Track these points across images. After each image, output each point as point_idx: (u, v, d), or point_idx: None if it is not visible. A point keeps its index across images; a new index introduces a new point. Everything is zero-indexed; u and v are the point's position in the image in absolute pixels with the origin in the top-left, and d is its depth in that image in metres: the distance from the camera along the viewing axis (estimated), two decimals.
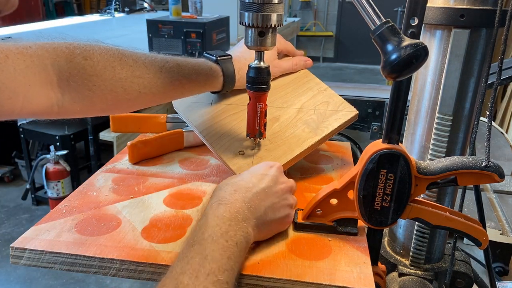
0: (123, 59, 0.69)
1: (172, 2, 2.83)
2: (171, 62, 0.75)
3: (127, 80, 0.69)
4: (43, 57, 0.60)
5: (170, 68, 0.74)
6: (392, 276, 0.79)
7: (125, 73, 0.69)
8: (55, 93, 0.62)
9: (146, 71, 0.71)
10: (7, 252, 2.35)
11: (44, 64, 0.60)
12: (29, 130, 3.05)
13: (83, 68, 0.64)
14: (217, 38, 2.83)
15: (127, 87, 0.69)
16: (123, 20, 4.28)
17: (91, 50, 0.66)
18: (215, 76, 0.81)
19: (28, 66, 0.57)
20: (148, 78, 0.71)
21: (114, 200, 0.75)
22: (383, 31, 0.53)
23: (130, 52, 0.71)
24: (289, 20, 4.93)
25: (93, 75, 0.65)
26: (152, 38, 2.75)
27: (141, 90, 0.71)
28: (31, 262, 0.62)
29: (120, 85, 0.68)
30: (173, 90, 0.76)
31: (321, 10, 8.00)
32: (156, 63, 0.73)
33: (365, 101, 1.59)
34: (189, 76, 0.77)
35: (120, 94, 0.69)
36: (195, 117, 0.87)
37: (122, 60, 0.69)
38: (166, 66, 0.74)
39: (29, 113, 0.60)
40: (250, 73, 0.75)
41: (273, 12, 0.69)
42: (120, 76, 0.68)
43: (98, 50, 0.66)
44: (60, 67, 0.62)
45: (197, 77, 0.78)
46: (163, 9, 4.95)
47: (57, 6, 6.22)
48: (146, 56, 0.73)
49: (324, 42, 8.04)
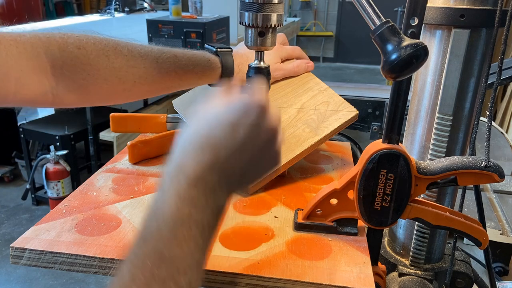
0: (117, 48, 0.69)
1: (172, 2, 2.83)
2: (168, 53, 0.75)
3: (122, 69, 0.69)
4: (36, 45, 0.61)
5: (167, 58, 0.74)
6: (392, 276, 0.79)
7: (120, 62, 0.69)
8: (49, 81, 0.62)
9: (142, 60, 0.71)
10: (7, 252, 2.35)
11: (37, 51, 0.61)
12: (29, 130, 3.04)
13: (76, 57, 0.64)
14: (217, 38, 2.83)
15: (121, 76, 0.69)
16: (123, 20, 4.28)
17: (84, 40, 0.66)
18: (213, 68, 0.81)
19: (21, 53, 0.58)
20: (143, 68, 0.71)
21: (114, 200, 0.75)
22: (383, 31, 0.53)
23: (125, 43, 0.71)
24: (289, 20, 4.93)
25: (87, 64, 0.65)
26: (152, 38, 2.75)
27: (136, 80, 0.71)
28: (31, 262, 0.62)
29: (115, 74, 0.68)
30: (170, 81, 0.76)
31: (321, 10, 8.00)
32: (152, 54, 0.73)
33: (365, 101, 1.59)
34: (186, 67, 0.77)
35: (115, 84, 0.69)
36: None
37: (116, 50, 0.69)
38: (162, 57, 0.74)
39: (23, 100, 0.60)
40: (250, 73, 0.75)
41: (273, 12, 0.69)
42: (114, 66, 0.68)
43: (92, 39, 0.67)
44: (53, 55, 0.62)
45: (194, 68, 0.78)
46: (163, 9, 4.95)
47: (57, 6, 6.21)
48: (142, 47, 0.73)
49: (324, 42, 8.04)
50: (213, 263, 0.60)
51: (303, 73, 0.97)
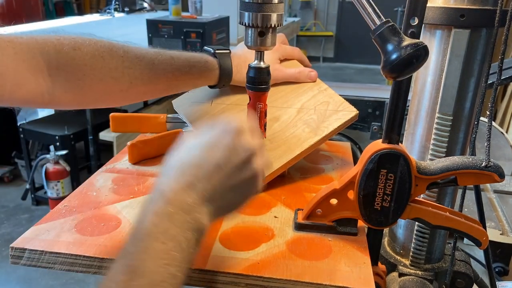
0: (113, 49, 0.70)
1: (172, 2, 2.83)
2: (164, 54, 0.75)
3: (117, 70, 0.69)
4: (32, 46, 0.62)
5: (163, 60, 0.75)
6: (392, 276, 0.78)
7: (115, 63, 0.69)
8: (45, 81, 0.63)
9: (138, 62, 0.72)
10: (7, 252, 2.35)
11: (33, 52, 0.61)
12: (29, 130, 3.05)
13: (72, 58, 0.65)
14: (217, 38, 2.83)
15: (117, 77, 0.70)
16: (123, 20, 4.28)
17: (80, 41, 0.67)
18: (210, 69, 0.81)
19: (17, 53, 0.59)
20: (139, 69, 0.72)
21: (114, 200, 0.75)
22: (383, 31, 0.53)
23: (121, 45, 0.72)
24: (289, 20, 4.93)
25: (82, 64, 0.66)
26: (152, 38, 2.75)
27: (132, 80, 0.71)
28: (31, 262, 0.62)
29: (110, 74, 0.69)
30: (166, 82, 0.77)
31: (321, 10, 8.00)
32: (148, 55, 0.73)
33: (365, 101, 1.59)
34: (182, 68, 0.77)
35: (110, 85, 0.70)
36: (195, 117, 0.87)
37: (112, 51, 0.69)
38: (158, 58, 0.74)
39: (20, 100, 0.61)
40: (250, 73, 0.75)
41: (273, 12, 0.69)
42: (110, 66, 0.69)
43: (88, 41, 0.67)
44: (49, 56, 0.63)
45: (191, 69, 0.78)
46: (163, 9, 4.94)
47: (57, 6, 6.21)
48: (138, 49, 0.73)
49: (324, 42, 8.04)
50: (213, 263, 0.60)
51: (304, 80, 0.94)
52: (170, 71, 0.75)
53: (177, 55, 0.77)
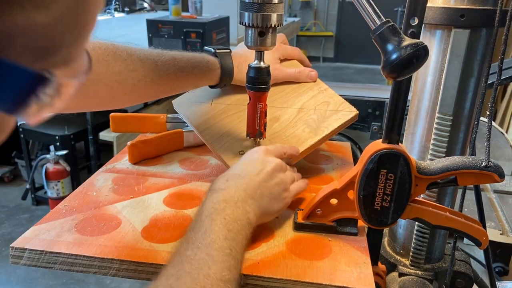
0: (117, 53, 0.69)
1: (172, 2, 2.83)
2: (167, 55, 0.75)
3: (121, 73, 0.69)
4: None
5: (166, 61, 0.75)
6: (392, 276, 0.78)
7: (119, 67, 0.69)
8: None
9: (141, 64, 0.71)
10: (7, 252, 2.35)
11: None
12: (29, 130, 3.04)
13: None
14: (217, 38, 2.83)
15: (121, 80, 0.70)
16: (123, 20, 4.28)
17: None
18: (212, 69, 0.81)
19: None
20: (142, 72, 0.72)
21: (114, 200, 0.75)
22: (383, 31, 0.53)
23: (124, 47, 0.71)
24: (289, 20, 4.93)
25: None
26: (152, 38, 2.74)
27: (136, 83, 0.71)
28: (31, 262, 0.62)
29: (114, 78, 0.69)
30: (169, 83, 0.76)
31: (321, 10, 7.99)
32: (151, 57, 0.73)
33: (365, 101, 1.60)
34: (185, 69, 0.77)
35: (115, 88, 0.70)
36: (195, 117, 0.87)
37: (116, 54, 0.69)
38: (161, 59, 0.74)
39: None
40: (250, 73, 0.75)
41: (273, 12, 0.69)
42: (114, 70, 0.68)
43: (92, 45, 0.67)
44: None
45: (193, 70, 0.78)
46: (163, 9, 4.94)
47: None
48: (141, 51, 0.73)
49: (324, 42, 8.04)
50: None
51: (304, 80, 0.94)
52: (173, 72, 0.75)
53: (179, 55, 0.77)
